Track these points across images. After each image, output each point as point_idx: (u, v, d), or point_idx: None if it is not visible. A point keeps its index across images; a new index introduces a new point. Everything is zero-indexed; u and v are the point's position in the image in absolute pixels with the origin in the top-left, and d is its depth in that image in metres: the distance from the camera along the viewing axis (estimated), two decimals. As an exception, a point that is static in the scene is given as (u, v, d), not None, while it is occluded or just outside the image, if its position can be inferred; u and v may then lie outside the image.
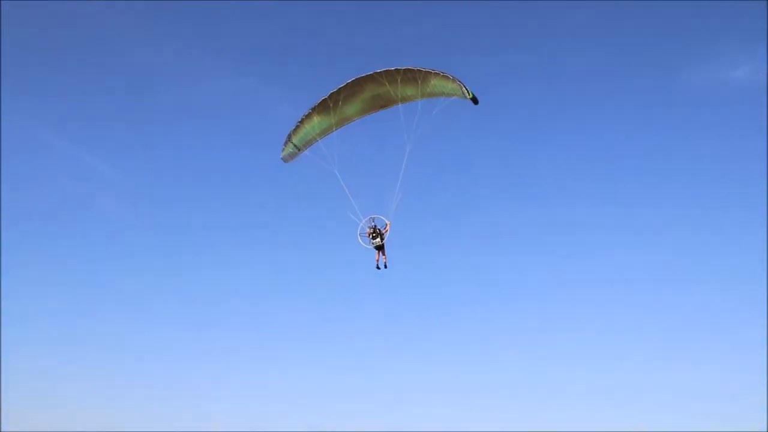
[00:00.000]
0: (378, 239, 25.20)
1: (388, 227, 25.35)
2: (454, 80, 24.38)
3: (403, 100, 25.91)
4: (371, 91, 26.25)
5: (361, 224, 25.47)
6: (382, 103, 26.79)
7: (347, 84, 25.81)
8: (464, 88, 24.20)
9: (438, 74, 24.61)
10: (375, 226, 25.39)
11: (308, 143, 27.56)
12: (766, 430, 24.70)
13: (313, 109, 26.51)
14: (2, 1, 73.45)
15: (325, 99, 26.18)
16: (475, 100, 24.40)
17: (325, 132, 27.31)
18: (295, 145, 27.36)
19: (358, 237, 25.44)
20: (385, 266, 25.40)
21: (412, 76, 24.99)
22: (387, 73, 25.26)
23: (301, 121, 26.80)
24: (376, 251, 25.37)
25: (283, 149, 27.68)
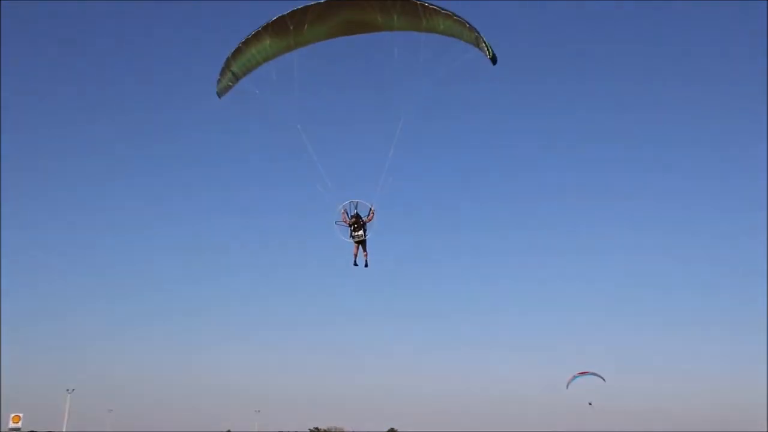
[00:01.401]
0: (360, 232, 19.50)
1: (372, 215, 19.63)
2: (471, 29, 18.03)
3: (395, 29, 19.09)
4: (349, 16, 19.00)
5: (339, 209, 19.58)
6: (361, 30, 19.74)
7: (319, 3, 18.30)
8: (483, 42, 18.05)
9: (450, 15, 18.02)
10: (357, 213, 19.59)
11: (251, 69, 20.06)
12: (766, 430, 24.89)
13: (265, 28, 18.81)
14: None
15: (284, 18, 18.58)
16: (494, 60, 18.43)
17: (275, 56, 19.92)
18: (233, 73, 19.77)
19: (335, 225, 19.65)
20: (366, 265, 20.01)
21: (412, 9, 18.11)
22: (379, 1, 18.09)
23: (246, 43, 19.08)
24: (355, 245, 19.80)
25: (219, 81, 19.97)
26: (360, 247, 19.83)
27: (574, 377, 65.71)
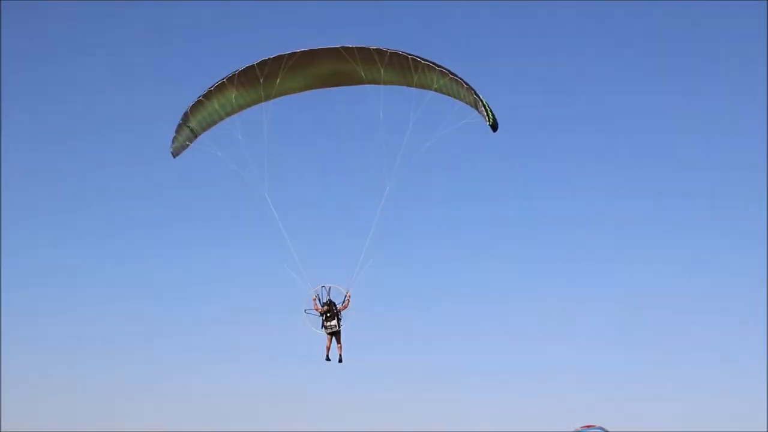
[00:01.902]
0: (333, 322, 16.86)
1: (347, 300, 16.98)
2: (469, 89, 15.44)
3: (381, 84, 16.59)
4: (329, 67, 16.46)
5: (311, 294, 16.88)
6: (342, 82, 17.23)
7: (293, 54, 15.74)
8: (483, 105, 15.45)
9: (445, 72, 15.44)
10: (330, 300, 16.89)
11: (212, 125, 17.40)
12: (766, 430, 26.66)
13: (230, 79, 16.18)
14: None
15: (253, 67, 15.97)
16: (494, 126, 15.84)
17: (241, 110, 17.31)
18: (191, 130, 17.08)
19: (304, 314, 16.93)
20: (340, 360, 17.21)
21: (403, 64, 15.56)
22: (362, 52, 15.53)
23: (208, 96, 16.42)
24: (328, 336, 17.09)
25: (175, 138, 17.28)
26: (334, 338, 17.09)
27: None
